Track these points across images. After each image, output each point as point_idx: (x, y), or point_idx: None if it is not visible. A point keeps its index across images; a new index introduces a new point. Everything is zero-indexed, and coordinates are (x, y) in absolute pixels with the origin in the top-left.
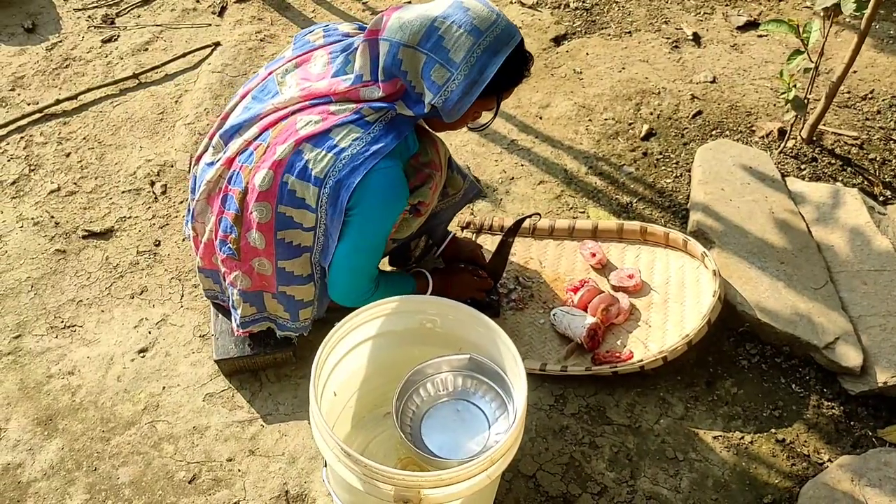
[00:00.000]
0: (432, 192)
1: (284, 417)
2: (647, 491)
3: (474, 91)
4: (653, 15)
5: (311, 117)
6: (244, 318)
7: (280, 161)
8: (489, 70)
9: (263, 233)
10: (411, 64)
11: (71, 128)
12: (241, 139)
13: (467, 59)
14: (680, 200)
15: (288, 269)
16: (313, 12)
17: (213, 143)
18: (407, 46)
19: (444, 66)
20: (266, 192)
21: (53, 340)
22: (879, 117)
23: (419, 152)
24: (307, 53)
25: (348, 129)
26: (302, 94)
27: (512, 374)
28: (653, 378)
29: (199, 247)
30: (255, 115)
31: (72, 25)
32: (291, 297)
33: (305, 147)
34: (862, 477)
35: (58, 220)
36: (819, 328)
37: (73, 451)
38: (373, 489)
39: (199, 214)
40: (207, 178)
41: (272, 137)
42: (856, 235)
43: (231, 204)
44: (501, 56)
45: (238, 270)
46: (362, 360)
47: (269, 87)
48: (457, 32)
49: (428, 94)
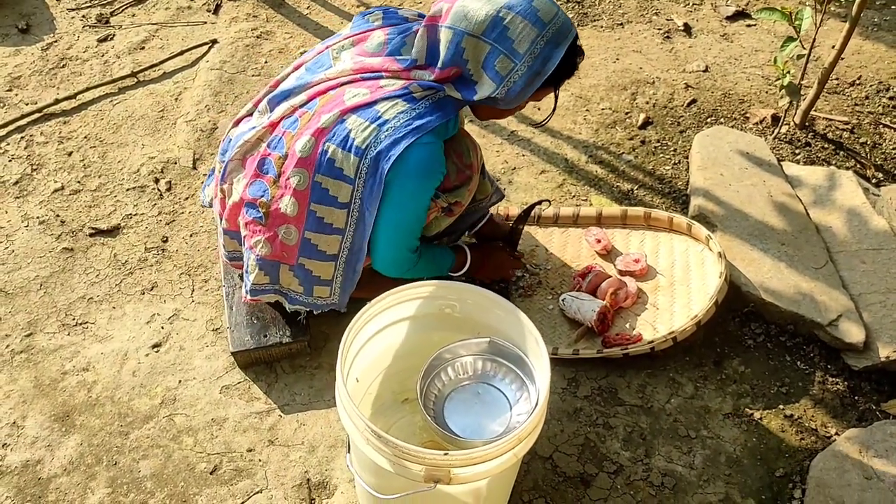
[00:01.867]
0: (469, 193)
1: (302, 407)
2: (663, 468)
3: (536, 82)
4: (643, 6)
5: (359, 90)
6: (255, 286)
7: (323, 129)
8: (552, 62)
9: (298, 200)
10: (474, 53)
11: (71, 127)
12: (287, 104)
13: (531, 50)
14: (679, 186)
15: (314, 241)
16: (308, 9)
17: (259, 108)
18: (471, 36)
19: (508, 56)
20: (305, 159)
21: (66, 338)
22: (868, 102)
23: (462, 152)
24: (365, 32)
25: (394, 103)
26: (355, 67)
27: (533, 355)
28: (662, 359)
29: (226, 208)
30: (306, 83)
31: (66, 25)
32: (309, 272)
33: (350, 117)
34: (869, 448)
35: (63, 219)
36: (822, 306)
37: (92, 446)
38: (403, 470)
39: (229, 175)
40: (246, 138)
41: (319, 106)
42: (853, 216)
43: (269, 167)
44: (562, 48)
45: (261, 236)
46: (383, 346)
47: (322, 60)
48: (521, 24)
49: (489, 84)
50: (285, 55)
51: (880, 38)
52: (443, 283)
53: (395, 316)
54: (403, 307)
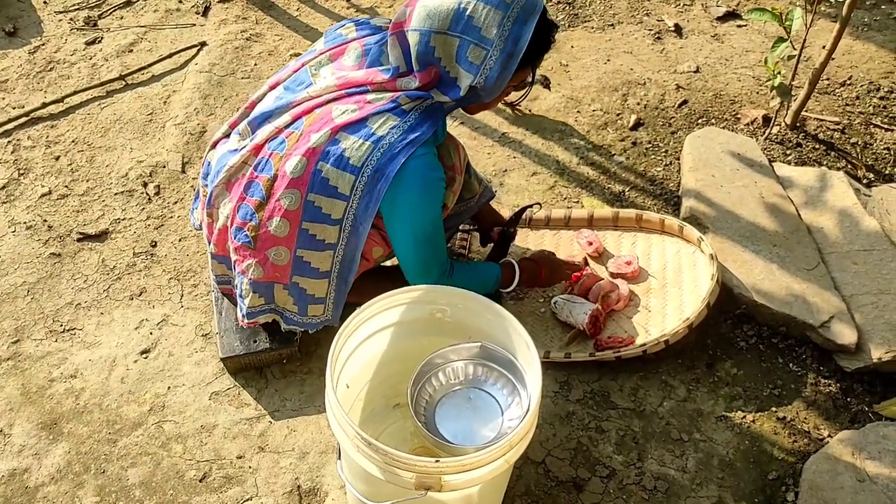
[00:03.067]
0: (453, 195)
1: (292, 413)
2: (655, 472)
3: (512, 63)
4: (634, 7)
5: (347, 106)
6: (251, 309)
7: (314, 149)
8: (523, 39)
9: (289, 220)
10: (444, 49)
11: (59, 131)
12: (271, 126)
13: (500, 34)
14: (671, 188)
15: (306, 258)
16: (297, 11)
17: (238, 130)
18: (437, 33)
19: (478, 45)
20: (297, 180)
21: (53, 344)
22: (858, 102)
23: (443, 154)
24: (340, 46)
25: (385, 118)
26: (338, 82)
27: (524, 360)
28: (654, 362)
29: (214, 233)
30: (288, 103)
31: (53, 28)
32: (303, 291)
33: (342, 135)
34: (862, 451)
35: (51, 224)
36: (814, 308)
37: (80, 454)
38: (393, 477)
39: (215, 199)
40: (230, 163)
41: (306, 125)
42: (844, 217)
43: (256, 191)
44: (531, 24)
45: (252, 259)
46: (373, 351)
47: (301, 78)
48: (484, 9)
49: (466, 76)
50: (275, 57)
51: (871, 38)
52: (432, 288)
53: (386, 321)
54: (393, 312)
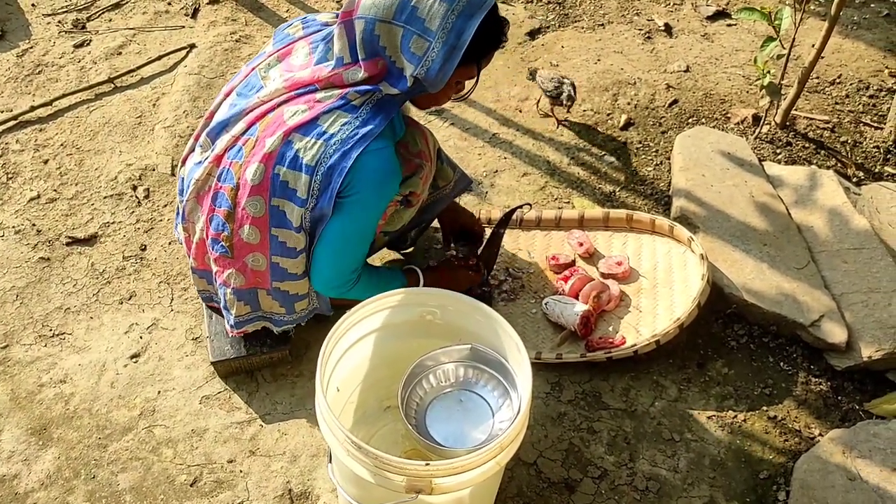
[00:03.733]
0: (423, 182)
1: (283, 417)
2: (647, 472)
3: (454, 57)
4: (624, 7)
5: (297, 107)
6: (238, 318)
7: (270, 153)
8: (466, 33)
9: (258, 227)
10: (388, 39)
11: (47, 134)
12: (228, 135)
13: (443, 26)
14: (661, 188)
15: (282, 265)
16: (287, 12)
17: (199, 143)
18: (382, 21)
19: (421, 35)
20: (258, 186)
21: (42, 349)
22: (848, 101)
23: (408, 142)
24: (288, 46)
25: (336, 115)
26: (286, 84)
27: (514, 362)
28: (646, 362)
29: (192, 247)
30: (241, 110)
31: (42, 31)
32: (286, 293)
33: (295, 137)
34: (853, 449)
35: (40, 228)
36: (804, 307)
37: (69, 459)
38: (384, 481)
39: (189, 214)
40: (196, 177)
41: (260, 131)
42: (834, 216)
43: (222, 201)
44: (477, 18)
45: (231, 268)
46: (364, 354)
47: (252, 82)
48: (429, 1)
49: (409, 66)
50: None
51: (860, 37)
52: (424, 290)
53: (376, 324)
54: (383, 315)
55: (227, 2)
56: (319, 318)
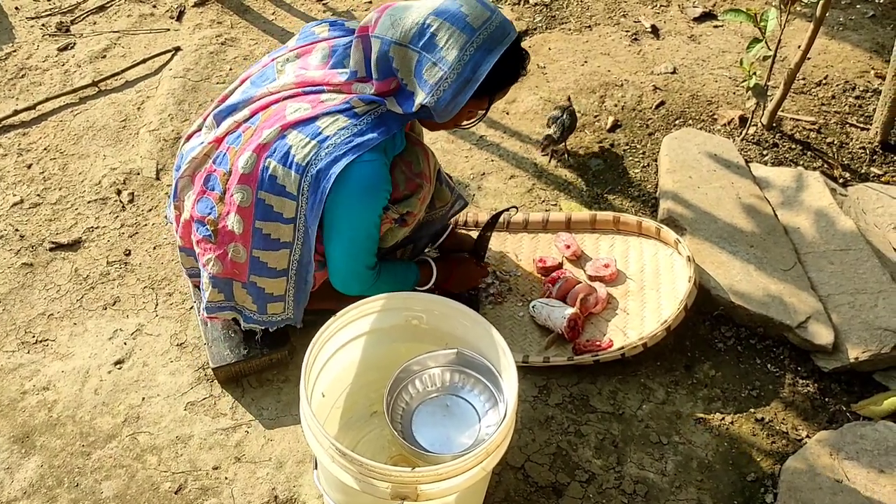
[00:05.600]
0: (420, 202)
1: (269, 422)
2: (635, 476)
3: (467, 90)
4: (611, 9)
5: (301, 104)
6: (210, 303)
7: (264, 145)
8: (482, 69)
9: (243, 217)
10: (403, 62)
11: (31, 138)
12: (231, 119)
13: (461, 57)
14: (648, 189)
15: (262, 259)
16: (273, 14)
17: (206, 123)
18: (398, 45)
19: (436, 64)
20: (248, 176)
21: (25, 356)
22: (834, 102)
23: (411, 161)
24: (310, 45)
25: (335, 118)
26: (296, 80)
27: (501, 366)
28: (633, 365)
29: (180, 225)
30: (249, 97)
31: (25, 34)
32: (261, 290)
33: (290, 132)
34: (840, 451)
35: (23, 234)
36: (791, 308)
37: (53, 467)
38: (369, 487)
39: (181, 191)
40: (194, 154)
41: (261, 121)
42: (820, 217)
43: (214, 184)
44: (496, 54)
45: (212, 254)
46: (349, 359)
47: (267, 73)
48: (449, 30)
49: (420, 93)
50: (251, 62)
51: (846, 38)
52: (408, 295)
53: (361, 329)
54: (369, 320)
55: (213, 4)
56: (310, 322)
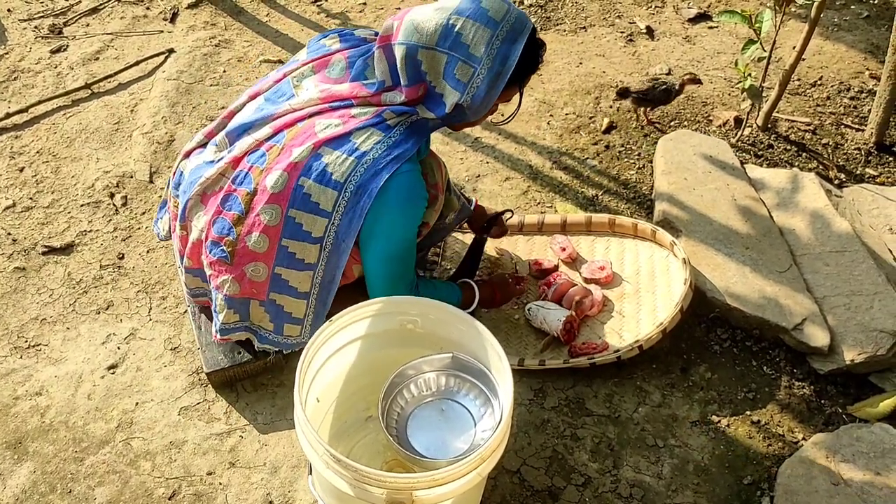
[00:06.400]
0: (435, 213)
1: (264, 427)
2: (631, 479)
3: (500, 83)
4: (606, 10)
5: (331, 120)
6: (225, 325)
7: (296, 164)
8: (511, 59)
9: (269, 236)
10: (431, 65)
11: (23, 142)
12: (250, 138)
13: (489, 52)
14: (644, 191)
15: (284, 276)
16: (267, 16)
17: (215, 141)
18: (425, 48)
19: (466, 62)
20: (278, 195)
21: (18, 361)
22: (829, 103)
23: (427, 172)
24: (324, 57)
25: (369, 133)
26: (322, 95)
27: (496, 371)
28: (629, 367)
29: (187, 246)
30: (269, 115)
31: (18, 37)
32: (280, 308)
33: (325, 150)
34: (836, 453)
35: (15, 237)
36: (786, 310)
37: (45, 473)
38: (364, 493)
39: (189, 211)
40: (206, 175)
41: (288, 139)
42: (816, 218)
43: (234, 205)
44: (520, 43)
45: (228, 275)
46: (344, 364)
47: (283, 89)
48: (473, 27)
49: (453, 93)
50: (244, 64)
51: (840, 39)
52: (402, 299)
53: (355, 333)
54: (363, 324)
55: (207, 6)
56: None
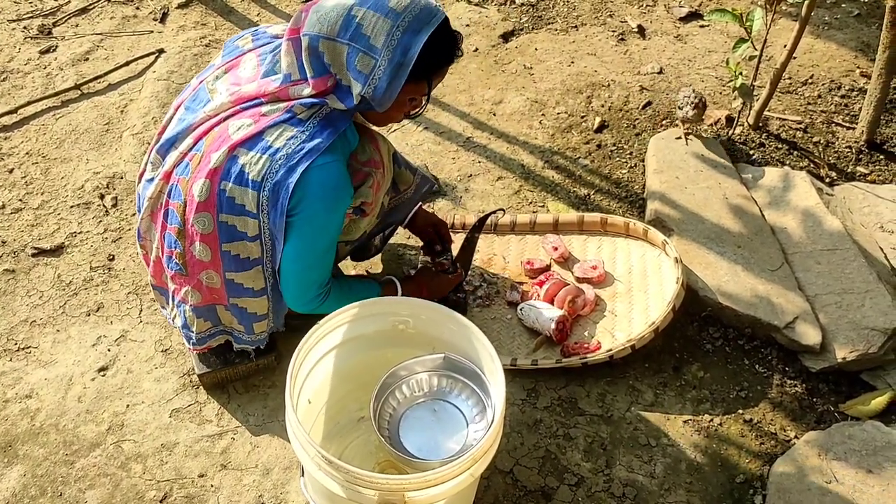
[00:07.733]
0: (374, 190)
1: (255, 429)
2: (624, 479)
3: (401, 74)
4: (597, 9)
5: (242, 121)
6: (200, 334)
7: (216, 169)
8: (413, 50)
9: (207, 244)
10: (333, 56)
11: (12, 143)
12: (176, 152)
13: (388, 43)
14: (636, 190)
15: (237, 280)
16: (258, 16)
17: (151, 160)
18: (327, 39)
19: (366, 53)
20: (205, 203)
21: (8, 364)
22: (820, 101)
23: (357, 151)
24: (236, 59)
25: (282, 129)
26: (232, 98)
27: (488, 371)
28: (621, 367)
29: (150, 264)
30: (189, 125)
31: (6, 37)
32: (244, 310)
33: (240, 151)
34: (828, 451)
35: (4, 239)
36: (778, 309)
37: (35, 476)
38: (356, 495)
39: (145, 232)
40: (149, 194)
41: (206, 146)
42: (807, 217)
43: (173, 218)
44: (424, 35)
45: (187, 286)
46: (335, 365)
47: (200, 96)
48: (374, 17)
49: (356, 84)
50: None
51: (831, 37)
52: (395, 299)
53: (347, 334)
54: (355, 325)
55: (197, 6)
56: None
